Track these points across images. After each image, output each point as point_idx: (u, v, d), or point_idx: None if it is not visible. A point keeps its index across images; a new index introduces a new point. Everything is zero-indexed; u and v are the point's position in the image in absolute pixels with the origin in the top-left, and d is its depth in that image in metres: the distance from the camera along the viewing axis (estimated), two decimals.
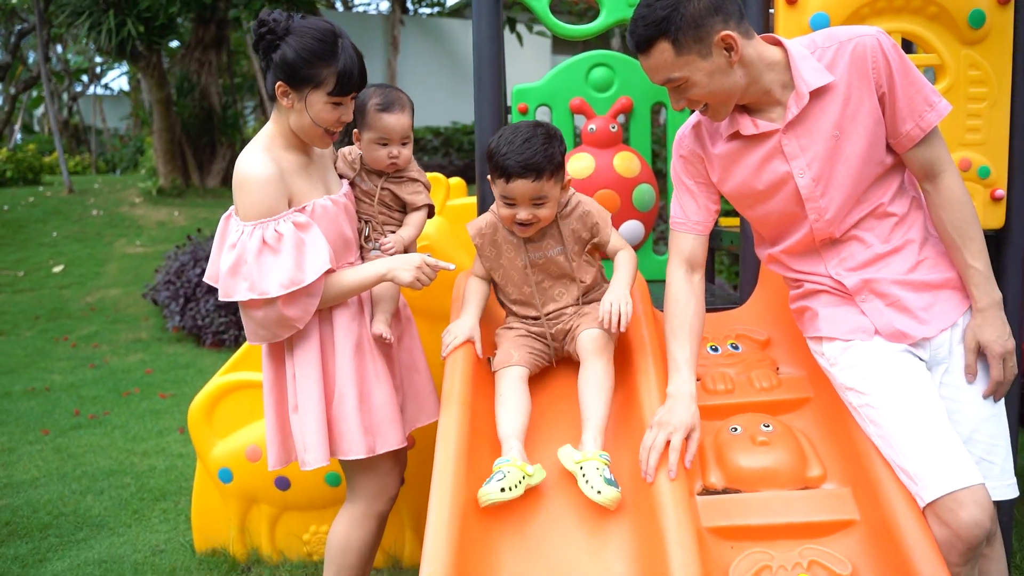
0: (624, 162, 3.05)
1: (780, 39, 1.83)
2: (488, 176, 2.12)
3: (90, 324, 7.43)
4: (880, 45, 1.76)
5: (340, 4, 17.79)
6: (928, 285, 1.82)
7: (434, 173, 2.66)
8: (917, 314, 1.80)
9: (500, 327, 2.27)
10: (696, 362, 1.93)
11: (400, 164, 2.26)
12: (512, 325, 2.23)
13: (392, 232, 2.31)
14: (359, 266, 2.14)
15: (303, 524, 2.85)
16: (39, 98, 22.06)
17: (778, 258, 1.97)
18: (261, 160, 2.03)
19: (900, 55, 1.78)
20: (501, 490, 1.73)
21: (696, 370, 1.93)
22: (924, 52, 2.38)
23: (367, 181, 2.31)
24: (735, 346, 2.19)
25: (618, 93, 3.09)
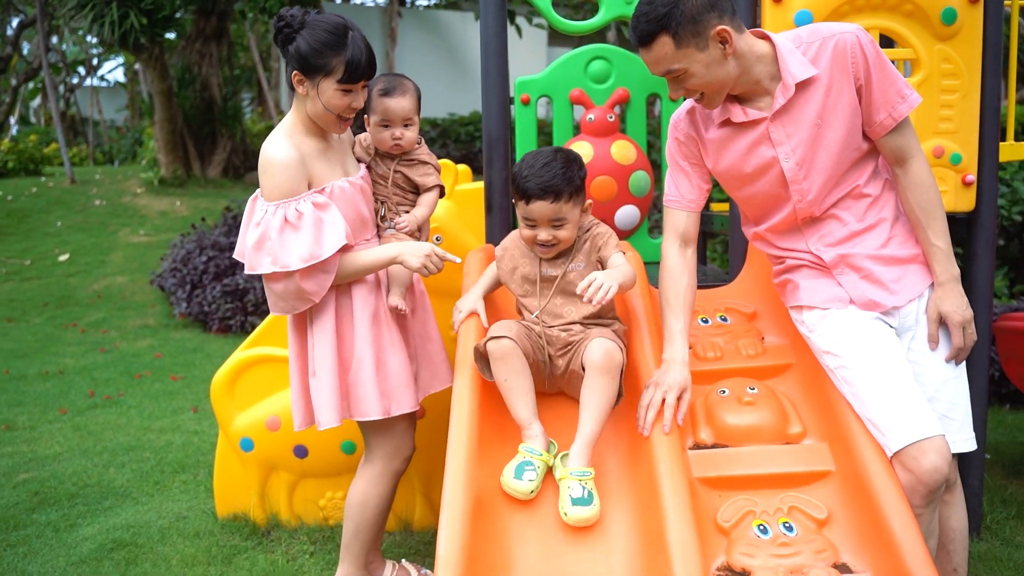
0: (621, 150, 3.22)
1: (768, 34, 2.00)
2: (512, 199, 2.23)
3: (98, 311, 7.59)
4: (859, 42, 1.94)
5: None
6: (898, 260, 2.00)
7: (444, 159, 2.83)
8: (888, 286, 1.99)
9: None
10: (688, 331, 2.12)
11: (404, 146, 2.43)
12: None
13: (406, 212, 2.48)
14: (373, 248, 2.33)
15: (319, 490, 3.03)
16: (35, 90, 22.10)
17: (763, 236, 2.15)
18: (284, 145, 2.22)
19: (877, 51, 1.96)
20: (531, 491, 1.92)
21: (688, 339, 2.12)
22: (901, 47, 2.55)
23: (381, 165, 2.48)
24: (724, 318, 2.38)
25: (615, 85, 3.26)
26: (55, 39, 20.17)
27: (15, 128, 21.60)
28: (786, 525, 1.84)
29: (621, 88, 3.25)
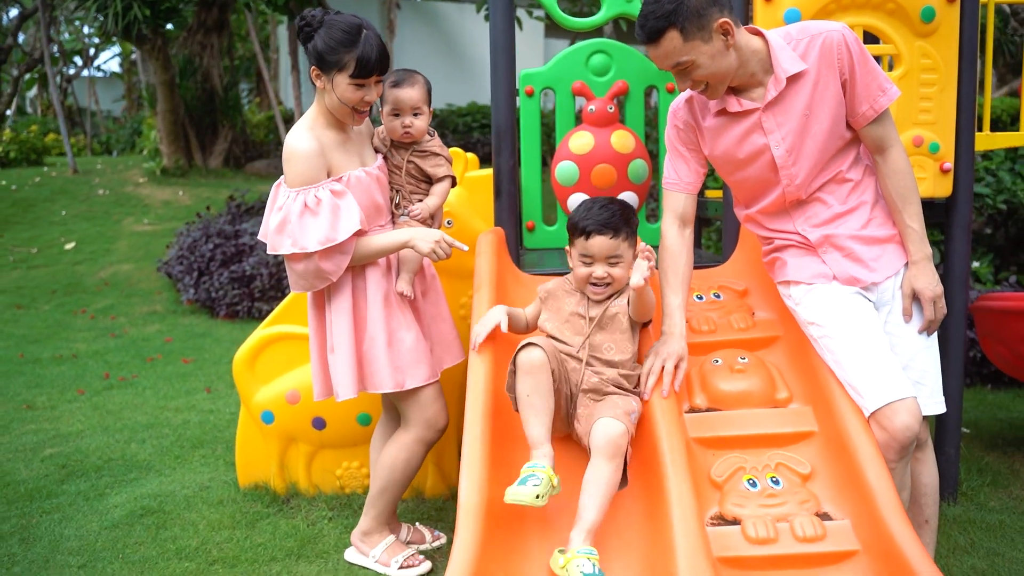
0: (621, 139, 3.39)
1: (761, 30, 2.18)
2: (566, 247, 2.34)
3: (105, 298, 7.75)
4: (844, 40, 2.12)
5: None
6: (877, 240, 2.19)
7: (455, 148, 3.01)
8: (868, 264, 2.17)
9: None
10: (685, 307, 2.30)
11: (414, 134, 2.60)
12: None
13: (419, 200, 2.66)
14: (387, 232, 2.51)
15: (336, 460, 3.20)
16: (31, 80, 22.15)
17: (754, 218, 2.34)
18: (305, 137, 2.40)
19: (861, 48, 2.14)
20: (536, 496, 1.91)
21: (685, 314, 2.30)
22: (883, 43, 2.73)
23: (396, 155, 2.66)
24: (717, 295, 2.57)
25: (615, 77, 3.43)
26: (51, 30, 20.19)
27: (11, 119, 21.64)
28: (773, 479, 2.03)
29: (620, 80, 3.42)
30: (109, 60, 31.97)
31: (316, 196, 2.38)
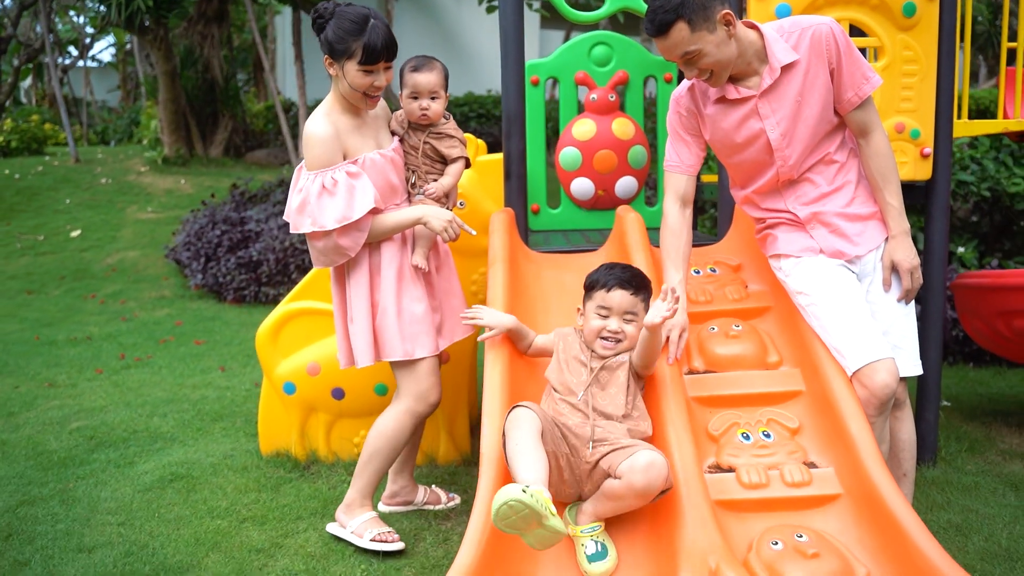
0: (621, 127, 3.59)
1: (756, 23, 2.37)
2: (579, 307, 2.39)
3: (114, 283, 7.91)
4: (832, 32, 2.31)
5: None
6: (860, 217, 2.39)
7: (467, 134, 3.20)
8: (851, 238, 2.37)
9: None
10: (685, 282, 2.50)
11: (431, 116, 2.76)
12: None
13: (434, 180, 2.84)
14: (402, 209, 2.69)
15: (354, 429, 3.40)
16: (26, 70, 22.18)
17: (750, 198, 2.53)
18: (322, 123, 2.58)
19: (847, 40, 2.33)
20: (524, 489, 1.80)
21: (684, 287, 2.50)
22: (868, 36, 2.93)
23: (412, 137, 2.84)
24: (713, 269, 2.77)
25: (616, 67, 3.62)
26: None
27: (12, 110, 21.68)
28: (765, 433, 2.24)
29: (621, 70, 3.61)
30: (104, 50, 31.96)
31: (333, 178, 2.55)
